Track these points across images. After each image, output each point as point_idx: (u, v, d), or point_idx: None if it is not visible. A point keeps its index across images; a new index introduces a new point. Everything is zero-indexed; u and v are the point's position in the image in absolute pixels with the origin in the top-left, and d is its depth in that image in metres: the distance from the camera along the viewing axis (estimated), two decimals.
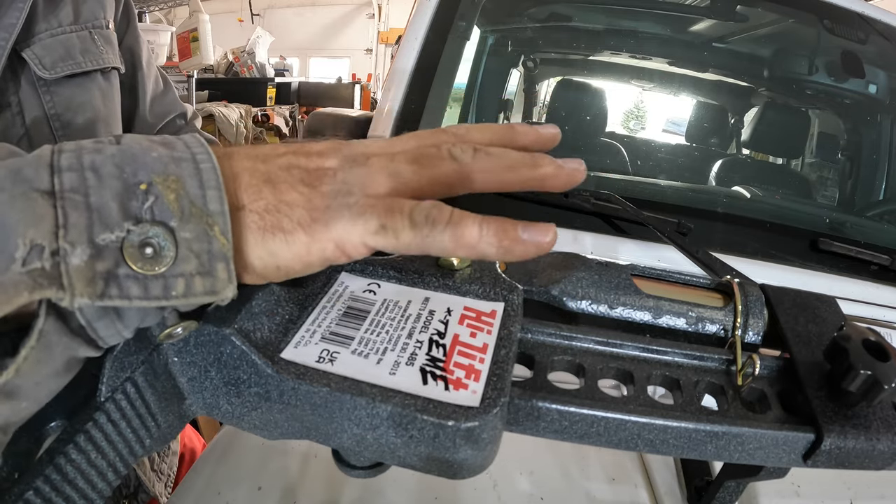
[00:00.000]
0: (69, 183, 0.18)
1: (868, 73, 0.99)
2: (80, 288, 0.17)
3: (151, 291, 0.18)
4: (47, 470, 0.20)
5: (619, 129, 1.25)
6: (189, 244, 0.19)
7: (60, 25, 0.49)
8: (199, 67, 4.00)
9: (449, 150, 0.23)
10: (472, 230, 0.21)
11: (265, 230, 0.21)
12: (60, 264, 0.17)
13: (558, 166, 0.24)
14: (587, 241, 0.66)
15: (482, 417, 0.21)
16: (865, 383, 0.24)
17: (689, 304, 0.31)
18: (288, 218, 0.21)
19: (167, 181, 0.19)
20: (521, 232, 0.21)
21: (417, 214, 0.21)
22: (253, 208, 0.21)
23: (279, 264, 0.22)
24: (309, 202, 0.21)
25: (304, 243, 0.21)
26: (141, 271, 0.18)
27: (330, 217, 0.21)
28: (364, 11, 8.45)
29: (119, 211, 0.18)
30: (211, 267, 0.19)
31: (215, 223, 0.19)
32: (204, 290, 0.19)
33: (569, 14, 1.05)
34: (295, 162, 0.22)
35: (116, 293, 0.18)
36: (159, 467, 0.66)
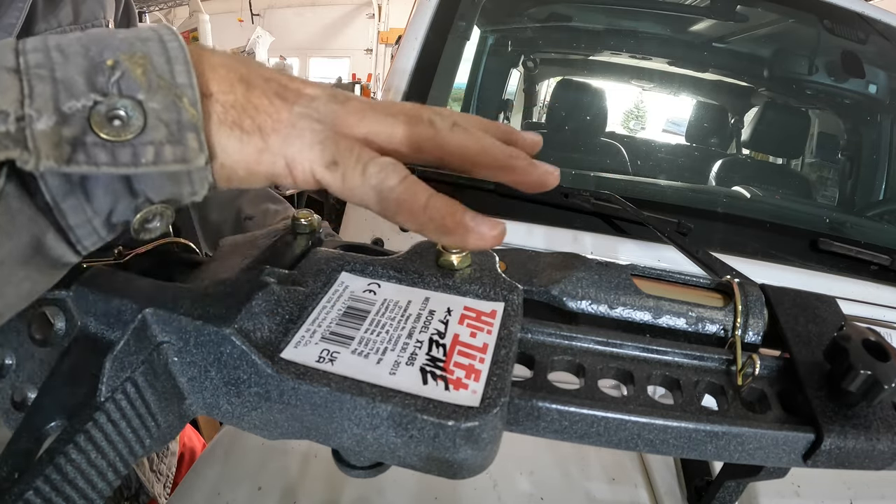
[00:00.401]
0: (34, 60, 0.18)
1: (868, 73, 0.99)
2: (45, 150, 0.17)
3: (120, 158, 0.18)
4: (47, 470, 0.20)
5: (619, 129, 1.25)
6: (158, 114, 0.19)
7: (60, 25, 0.49)
8: None
9: (430, 116, 0.23)
10: (419, 199, 0.21)
11: (223, 123, 0.21)
12: (26, 129, 0.17)
13: (531, 163, 0.23)
14: (587, 241, 0.66)
15: (482, 417, 0.21)
16: (865, 383, 0.24)
17: (689, 304, 0.31)
18: (251, 119, 0.21)
19: (134, 57, 0.19)
20: (469, 219, 0.21)
21: (372, 165, 0.21)
22: (220, 99, 0.21)
23: (225, 161, 0.21)
24: (277, 112, 0.21)
25: (256, 148, 0.21)
26: (108, 138, 0.18)
27: (290, 133, 0.21)
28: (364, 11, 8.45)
29: (85, 83, 0.18)
30: (181, 136, 0.19)
31: (184, 94, 0.19)
32: (174, 158, 0.19)
33: (569, 14, 1.05)
34: (276, 77, 0.22)
35: (83, 159, 0.18)
36: (158, 468, 0.66)
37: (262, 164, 0.21)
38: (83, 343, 0.25)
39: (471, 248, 0.22)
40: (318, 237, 0.32)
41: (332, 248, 0.30)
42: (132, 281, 0.25)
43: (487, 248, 0.22)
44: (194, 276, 0.28)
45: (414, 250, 0.29)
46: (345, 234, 0.72)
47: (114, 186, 0.19)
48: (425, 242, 0.30)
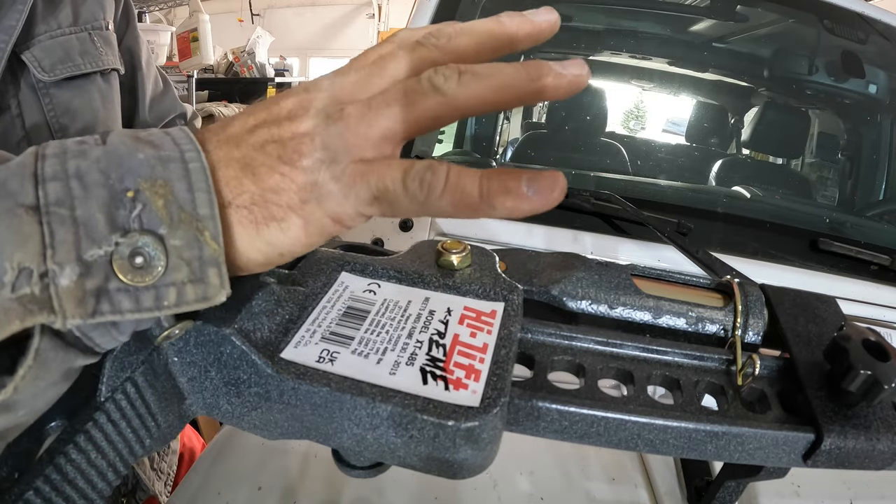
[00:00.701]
0: (54, 195, 0.17)
1: (868, 73, 0.99)
2: (70, 309, 0.17)
3: (143, 303, 0.18)
4: (47, 470, 0.20)
5: (619, 129, 1.25)
6: (179, 252, 0.18)
7: (60, 27, 0.49)
8: (199, 67, 3.99)
9: (430, 80, 0.20)
10: (473, 192, 0.19)
11: (258, 223, 0.20)
12: (50, 286, 0.17)
13: (558, 74, 0.21)
14: (587, 241, 0.66)
15: (482, 417, 0.21)
16: (865, 383, 0.24)
17: (689, 304, 0.31)
18: (277, 206, 0.20)
19: (155, 186, 0.18)
20: (527, 188, 0.19)
21: (411, 181, 0.20)
22: (239, 203, 0.20)
23: (282, 251, 0.21)
24: (293, 182, 0.20)
25: (299, 227, 0.20)
26: (132, 283, 0.18)
27: (320, 195, 0.20)
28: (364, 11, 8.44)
29: (106, 223, 0.18)
30: (202, 273, 0.19)
31: (205, 228, 0.19)
32: (196, 298, 0.19)
33: (569, 14, 1.05)
34: (268, 136, 0.21)
35: (108, 308, 0.18)
36: (159, 466, 0.66)
37: (312, 235, 0.21)
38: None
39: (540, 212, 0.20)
40: None
41: (332, 248, 0.30)
42: None
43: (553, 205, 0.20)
44: None
45: (414, 250, 0.29)
46: (345, 234, 0.72)
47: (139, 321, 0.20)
48: (425, 242, 0.30)
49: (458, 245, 0.28)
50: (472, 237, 0.67)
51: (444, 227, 0.68)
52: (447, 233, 0.68)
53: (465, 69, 0.21)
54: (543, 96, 0.21)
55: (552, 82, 0.21)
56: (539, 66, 0.21)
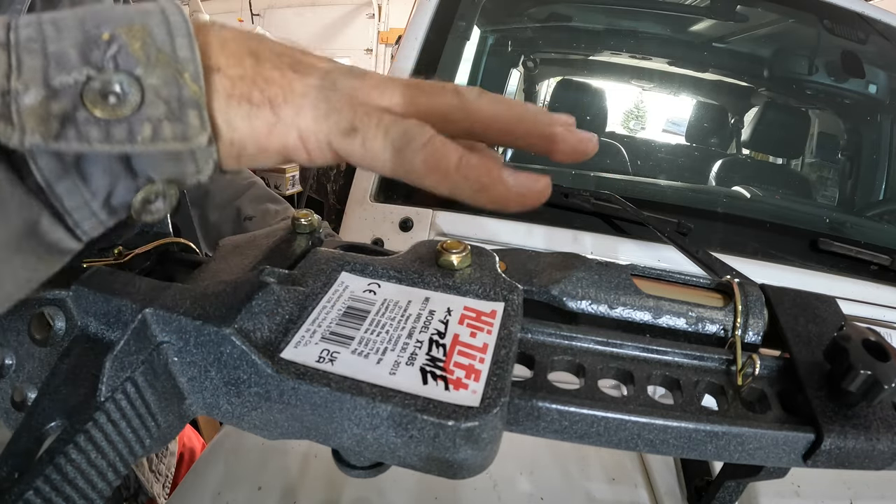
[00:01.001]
0: (25, 35, 0.17)
1: (868, 73, 0.99)
2: (31, 125, 0.16)
3: (114, 135, 0.17)
4: (47, 470, 0.20)
5: (620, 129, 1.26)
6: (156, 90, 0.18)
7: None
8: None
9: (454, 87, 0.21)
10: (451, 157, 0.19)
11: (231, 97, 0.19)
12: (11, 104, 0.16)
13: (570, 129, 0.22)
14: (587, 241, 0.66)
15: (482, 417, 0.21)
16: (865, 383, 0.24)
17: (689, 304, 0.31)
18: (260, 91, 0.20)
19: (132, 30, 0.18)
20: (507, 175, 0.20)
21: (394, 127, 0.20)
22: (228, 73, 0.20)
23: (234, 138, 0.20)
24: (289, 84, 0.20)
25: (266, 122, 0.20)
26: (102, 115, 0.17)
27: (303, 104, 0.20)
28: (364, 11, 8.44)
29: (78, 57, 0.17)
30: (181, 113, 0.18)
31: (185, 69, 0.18)
32: (174, 136, 0.18)
33: (569, 14, 1.05)
34: (290, 52, 0.21)
35: (74, 135, 0.17)
36: (157, 468, 0.66)
37: (273, 138, 0.20)
38: (83, 343, 0.25)
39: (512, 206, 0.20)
40: (318, 237, 0.32)
41: (332, 248, 0.30)
42: (132, 281, 0.25)
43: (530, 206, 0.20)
44: (194, 276, 0.28)
45: (414, 250, 0.29)
46: (345, 234, 0.72)
47: (112, 166, 0.19)
48: (425, 242, 0.30)
49: (458, 245, 0.28)
50: (472, 237, 0.67)
51: (444, 228, 0.68)
52: (447, 233, 0.68)
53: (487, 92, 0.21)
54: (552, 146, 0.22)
55: (561, 133, 0.21)
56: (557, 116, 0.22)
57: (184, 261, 0.32)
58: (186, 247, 0.33)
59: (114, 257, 0.29)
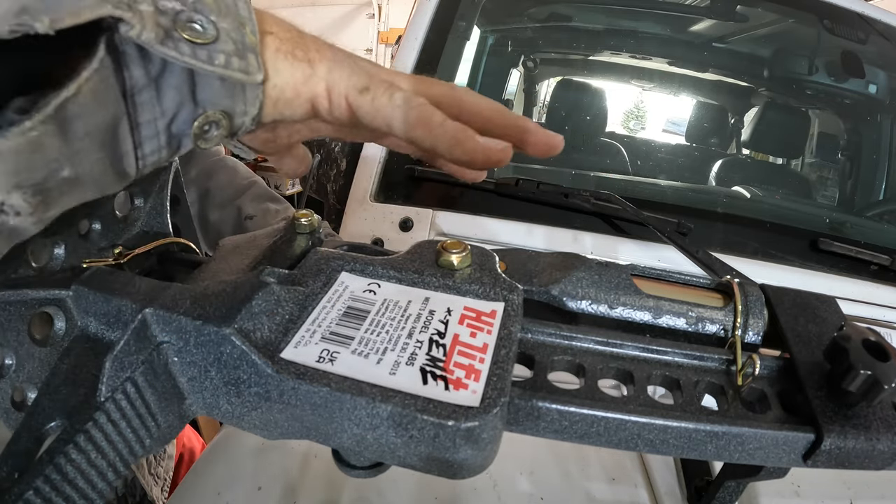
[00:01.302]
0: None
1: (868, 73, 0.99)
2: (149, 24, 0.19)
3: (198, 55, 0.21)
4: (47, 470, 0.20)
5: (619, 129, 1.26)
6: (227, 32, 0.22)
7: None
8: None
9: (450, 83, 0.28)
10: (436, 118, 0.25)
11: (279, 51, 0.25)
12: (132, 5, 0.19)
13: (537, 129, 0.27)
14: (587, 241, 0.66)
15: (482, 417, 0.21)
16: (865, 383, 0.24)
17: (689, 304, 0.31)
18: (302, 51, 0.25)
19: None
20: (478, 136, 0.25)
21: (398, 92, 0.26)
22: (279, 35, 0.25)
23: (277, 82, 0.25)
24: (324, 50, 0.26)
25: (304, 73, 0.25)
26: (191, 39, 0.21)
27: (334, 65, 0.26)
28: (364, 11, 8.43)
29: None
30: (244, 53, 0.23)
31: (246, 23, 0.23)
32: (239, 68, 0.22)
33: (569, 14, 1.05)
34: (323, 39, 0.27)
35: (172, 46, 0.20)
36: (156, 471, 0.66)
37: (307, 87, 0.25)
38: (83, 343, 0.25)
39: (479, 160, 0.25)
40: (318, 237, 0.32)
41: (332, 248, 0.30)
42: (132, 281, 0.25)
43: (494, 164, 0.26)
44: (194, 276, 0.28)
45: (414, 250, 0.29)
46: (345, 234, 0.72)
47: (181, 89, 0.22)
48: (425, 242, 0.30)
49: (458, 245, 0.28)
50: (472, 237, 0.67)
51: (444, 228, 0.68)
52: (447, 233, 0.68)
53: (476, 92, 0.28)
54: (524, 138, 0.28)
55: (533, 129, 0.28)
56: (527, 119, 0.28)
57: (184, 261, 0.32)
58: (186, 247, 0.33)
59: (114, 257, 0.29)
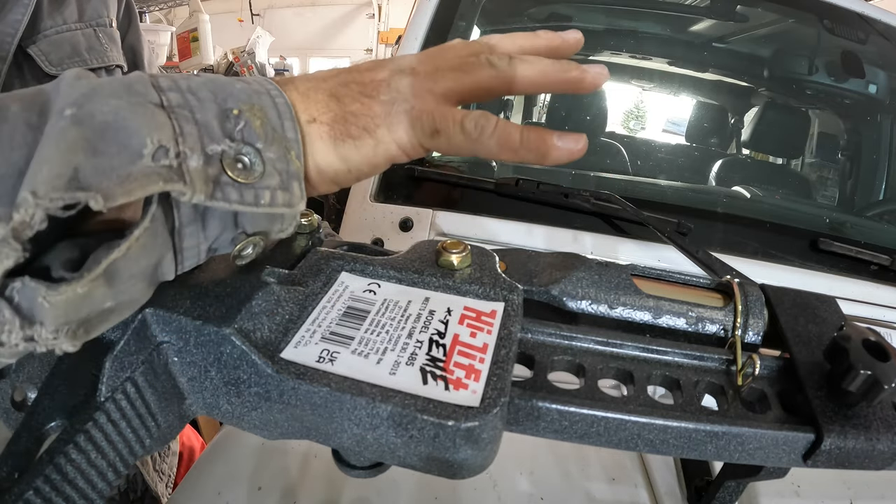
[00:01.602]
0: (175, 100, 0.20)
1: (868, 73, 0.99)
2: (199, 186, 0.20)
3: (245, 198, 0.21)
4: (47, 470, 0.20)
5: (620, 129, 1.26)
6: (273, 163, 0.22)
7: (66, 23, 0.49)
8: (199, 67, 4.00)
9: (487, 58, 0.26)
10: (515, 136, 0.24)
11: (335, 138, 0.24)
12: (183, 165, 0.19)
13: (583, 70, 0.26)
14: (587, 241, 0.66)
15: (482, 417, 0.21)
16: (865, 383, 0.24)
17: (689, 304, 0.31)
18: (355, 126, 0.24)
19: (253, 109, 0.22)
20: (557, 140, 0.24)
21: (468, 122, 0.24)
22: (323, 120, 0.24)
23: (350, 167, 0.25)
24: (370, 110, 0.24)
25: (370, 146, 0.24)
26: (238, 180, 0.21)
27: (391, 122, 0.25)
28: (364, 11, 8.44)
29: (219, 129, 0.21)
30: (288, 184, 0.22)
31: (291, 148, 0.22)
32: (283, 202, 0.22)
33: (569, 14, 1.05)
34: (350, 79, 0.25)
35: (220, 196, 0.20)
36: (160, 468, 0.66)
37: (380, 156, 0.25)
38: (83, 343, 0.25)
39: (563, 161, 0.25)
40: (318, 237, 0.32)
41: (332, 248, 0.30)
42: None
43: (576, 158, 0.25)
44: (194, 275, 0.28)
45: (414, 250, 0.29)
46: (345, 234, 0.72)
47: (225, 219, 0.22)
48: (425, 242, 0.30)
49: (458, 245, 0.28)
50: (472, 237, 0.67)
51: (444, 228, 0.68)
52: (447, 233, 0.68)
53: (515, 55, 0.26)
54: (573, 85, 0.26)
55: (578, 75, 0.26)
56: (569, 63, 0.27)
57: None
58: None
59: None
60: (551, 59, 0.27)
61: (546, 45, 0.28)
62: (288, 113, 0.23)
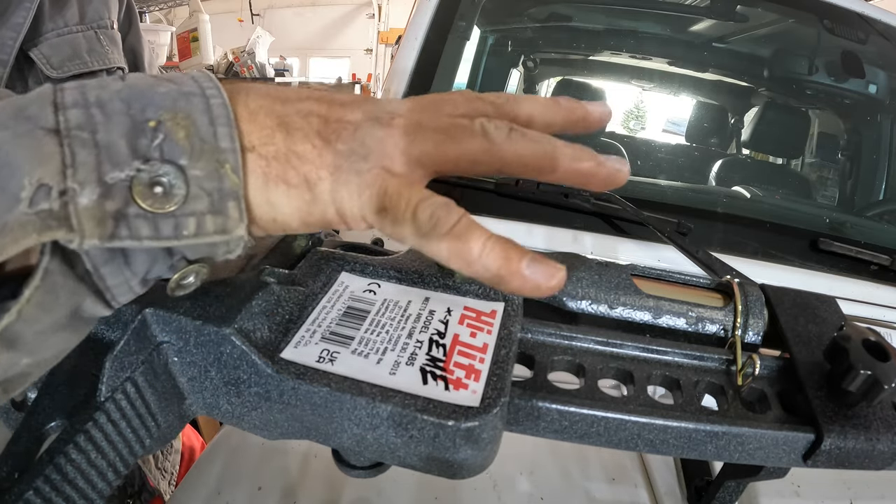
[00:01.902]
0: (75, 120, 0.17)
1: (868, 73, 0.99)
2: (89, 229, 0.17)
3: (162, 231, 0.18)
4: (47, 470, 0.20)
5: (620, 129, 1.26)
6: (200, 182, 0.18)
7: (67, 25, 0.49)
8: (199, 67, 4.00)
9: (482, 124, 0.21)
10: (474, 247, 0.19)
11: (268, 178, 0.20)
12: (69, 205, 0.16)
13: (599, 163, 0.22)
14: (587, 241, 0.66)
15: (482, 417, 0.21)
16: (865, 383, 0.24)
17: (689, 304, 0.31)
18: (295, 171, 0.20)
19: (176, 118, 0.18)
20: (525, 267, 0.19)
21: (423, 211, 0.19)
22: (262, 152, 0.20)
23: (276, 216, 0.20)
24: (320, 157, 0.20)
25: (305, 201, 0.20)
26: (151, 210, 0.17)
27: (338, 180, 0.20)
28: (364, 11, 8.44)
29: (128, 149, 0.17)
30: (222, 206, 0.19)
31: (226, 160, 0.19)
32: (215, 229, 0.19)
33: (569, 14, 1.05)
34: (315, 109, 0.21)
35: (126, 233, 0.17)
36: (163, 465, 0.66)
37: (313, 215, 0.21)
38: (83, 343, 0.25)
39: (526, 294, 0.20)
40: (318, 237, 0.32)
41: (332, 248, 0.30)
42: None
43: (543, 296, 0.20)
44: None
45: (414, 250, 0.29)
46: (345, 234, 0.72)
47: (153, 251, 0.19)
48: None
49: None
50: None
51: None
52: None
53: (517, 127, 0.21)
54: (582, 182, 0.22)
55: (590, 168, 0.21)
56: (584, 150, 0.21)
57: None
58: None
59: None
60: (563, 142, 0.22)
61: (565, 117, 0.24)
62: (224, 117, 0.19)
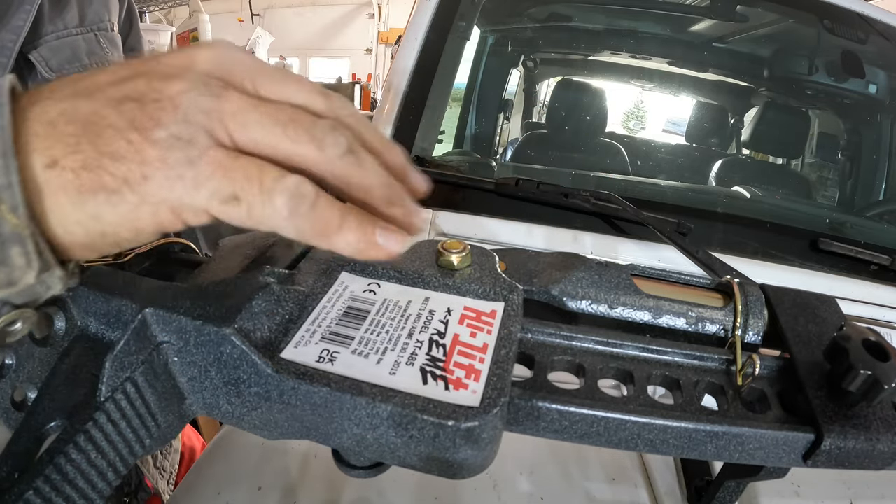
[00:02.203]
0: None
1: (868, 73, 0.99)
2: None
3: None
4: (47, 470, 0.20)
5: (619, 129, 1.26)
6: None
7: (66, 27, 0.49)
8: None
9: (322, 135, 0.19)
10: (333, 222, 0.19)
11: (82, 190, 0.17)
12: None
13: (407, 212, 0.22)
14: (587, 241, 0.66)
15: (482, 417, 0.21)
16: (865, 383, 0.24)
17: (689, 304, 0.31)
18: (111, 175, 0.17)
19: None
20: (378, 236, 0.20)
21: (278, 193, 0.18)
22: (67, 164, 0.17)
23: (104, 230, 0.18)
24: (138, 154, 0.17)
25: (131, 204, 0.17)
26: None
27: (166, 176, 0.17)
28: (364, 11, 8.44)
29: None
30: (3, 255, 0.16)
31: (2, 201, 0.16)
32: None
33: (569, 14, 1.05)
34: (131, 92, 0.18)
35: None
36: (161, 465, 0.66)
37: (143, 220, 0.18)
38: (83, 343, 0.25)
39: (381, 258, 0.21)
40: None
41: None
42: (132, 281, 0.25)
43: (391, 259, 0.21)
44: (194, 276, 0.28)
45: (414, 250, 0.29)
46: None
47: None
48: (425, 242, 0.30)
49: (458, 245, 0.28)
50: (472, 237, 0.67)
51: (444, 228, 0.68)
52: (447, 233, 0.68)
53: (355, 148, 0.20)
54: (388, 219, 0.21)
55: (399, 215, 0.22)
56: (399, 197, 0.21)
57: (184, 261, 0.32)
58: (186, 247, 0.33)
59: (113, 257, 0.29)
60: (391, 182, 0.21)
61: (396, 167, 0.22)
62: None
